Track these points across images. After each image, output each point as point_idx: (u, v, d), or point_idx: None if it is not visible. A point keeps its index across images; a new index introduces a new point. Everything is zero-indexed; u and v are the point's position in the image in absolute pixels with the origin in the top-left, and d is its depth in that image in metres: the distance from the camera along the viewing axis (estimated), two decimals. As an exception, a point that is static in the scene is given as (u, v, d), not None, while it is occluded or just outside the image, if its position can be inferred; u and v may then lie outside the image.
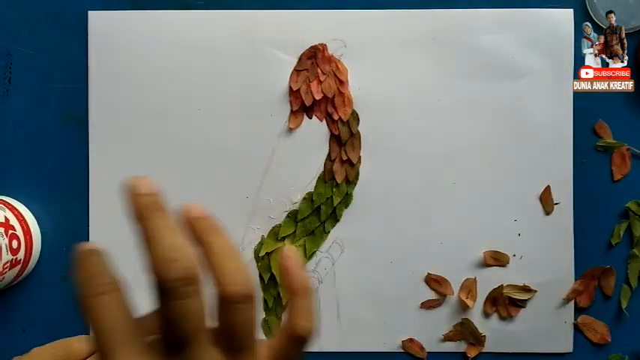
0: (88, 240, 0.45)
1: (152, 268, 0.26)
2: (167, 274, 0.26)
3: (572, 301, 0.46)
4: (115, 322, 0.26)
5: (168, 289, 0.26)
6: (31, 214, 0.45)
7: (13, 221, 0.42)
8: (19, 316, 0.45)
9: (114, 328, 0.26)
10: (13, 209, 0.43)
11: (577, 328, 0.46)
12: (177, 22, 0.45)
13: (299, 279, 0.29)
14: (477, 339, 0.46)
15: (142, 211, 0.28)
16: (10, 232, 0.41)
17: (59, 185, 0.45)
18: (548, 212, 0.46)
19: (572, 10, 0.45)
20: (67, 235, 0.45)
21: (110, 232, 0.45)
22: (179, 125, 0.45)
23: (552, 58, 0.45)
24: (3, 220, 0.41)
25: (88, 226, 0.45)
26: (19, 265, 0.43)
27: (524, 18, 0.45)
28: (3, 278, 0.41)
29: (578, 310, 0.46)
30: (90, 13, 0.45)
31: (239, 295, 0.27)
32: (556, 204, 0.46)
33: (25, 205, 0.45)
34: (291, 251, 0.29)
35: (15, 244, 0.42)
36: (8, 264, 0.41)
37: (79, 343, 0.41)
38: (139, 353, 0.26)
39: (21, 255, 0.43)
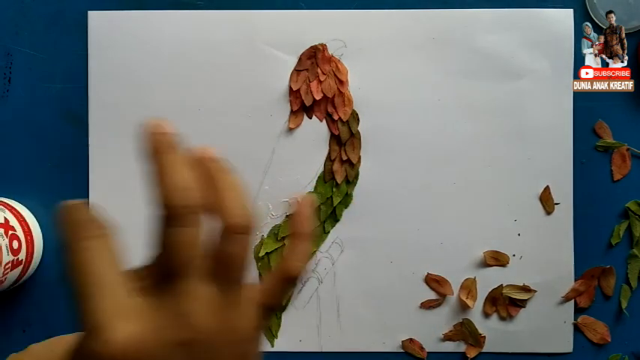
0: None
1: (159, 198, 0.28)
2: (173, 200, 0.28)
3: (572, 301, 0.46)
4: (102, 267, 0.27)
5: (172, 215, 0.27)
6: (31, 214, 0.45)
7: (13, 222, 0.42)
8: (19, 316, 0.45)
9: (100, 273, 0.27)
10: (12, 210, 0.43)
11: (577, 328, 0.46)
12: (178, 22, 0.45)
13: (307, 225, 0.32)
14: (476, 339, 0.46)
15: (157, 147, 0.30)
16: (10, 232, 0.41)
17: (59, 185, 0.45)
18: (548, 212, 0.46)
19: (572, 10, 0.45)
20: (68, 235, 0.45)
21: (110, 232, 0.45)
22: (179, 125, 0.45)
23: (552, 58, 0.45)
24: (2, 221, 0.41)
25: (88, 226, 0.45)
26: (21, 266, 0.43)
27: (524, 18, 0.45)
28: (5, 279, 0.41)
29: (578, 310, 0.46)
30: (90, 13, 0.45)
31: (240, 226, 0.29)
32: (556, 204, 0.46)
33: (25, 205, 0.45)
34: (309, 199, 0.33)
35: (15, 244, 0.42)
36: (9, 265, 0.41)
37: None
38: (124, 296, 0.26)
39: (22, 255, 0.43)
